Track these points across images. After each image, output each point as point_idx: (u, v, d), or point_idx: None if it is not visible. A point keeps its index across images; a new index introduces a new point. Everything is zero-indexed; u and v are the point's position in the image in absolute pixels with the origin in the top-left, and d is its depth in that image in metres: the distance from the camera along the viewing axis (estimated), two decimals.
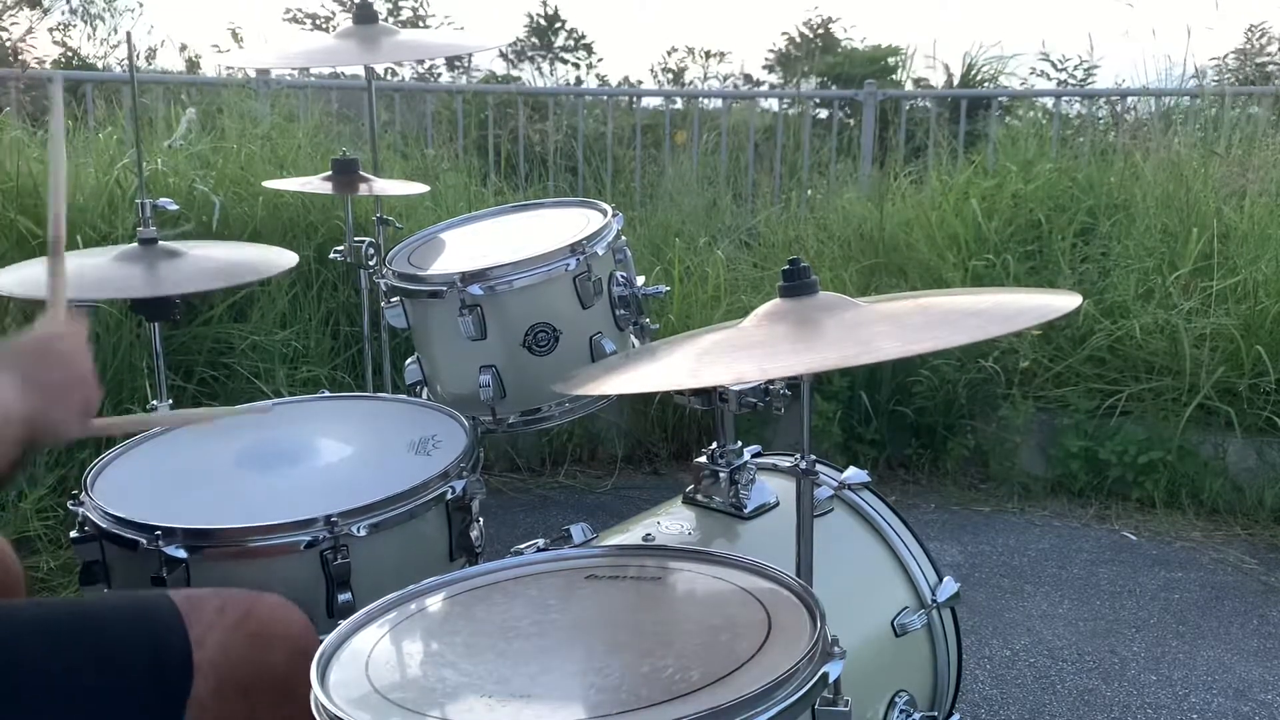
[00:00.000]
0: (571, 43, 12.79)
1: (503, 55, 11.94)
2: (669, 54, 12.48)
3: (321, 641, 1.14)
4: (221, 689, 1.20)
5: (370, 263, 2.58)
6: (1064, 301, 1.21)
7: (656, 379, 1.35)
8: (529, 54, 12.50)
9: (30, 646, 1.17)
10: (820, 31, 12.11)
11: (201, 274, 2.02)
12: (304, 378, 3.48)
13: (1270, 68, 8.47)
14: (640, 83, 12.16)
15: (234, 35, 11.32)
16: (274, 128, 4.40)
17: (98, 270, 2.03)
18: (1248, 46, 8.55)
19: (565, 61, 12.65)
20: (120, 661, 1.19)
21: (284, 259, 2.15)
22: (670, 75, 12.01)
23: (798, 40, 12.16)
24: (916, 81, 8.18)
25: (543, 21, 12.66)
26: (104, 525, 1.52)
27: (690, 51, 12.67)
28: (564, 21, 12.77)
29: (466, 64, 9.82)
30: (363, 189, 2.55)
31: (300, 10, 11.64)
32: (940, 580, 1.65)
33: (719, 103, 6.99)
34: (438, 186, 4.36)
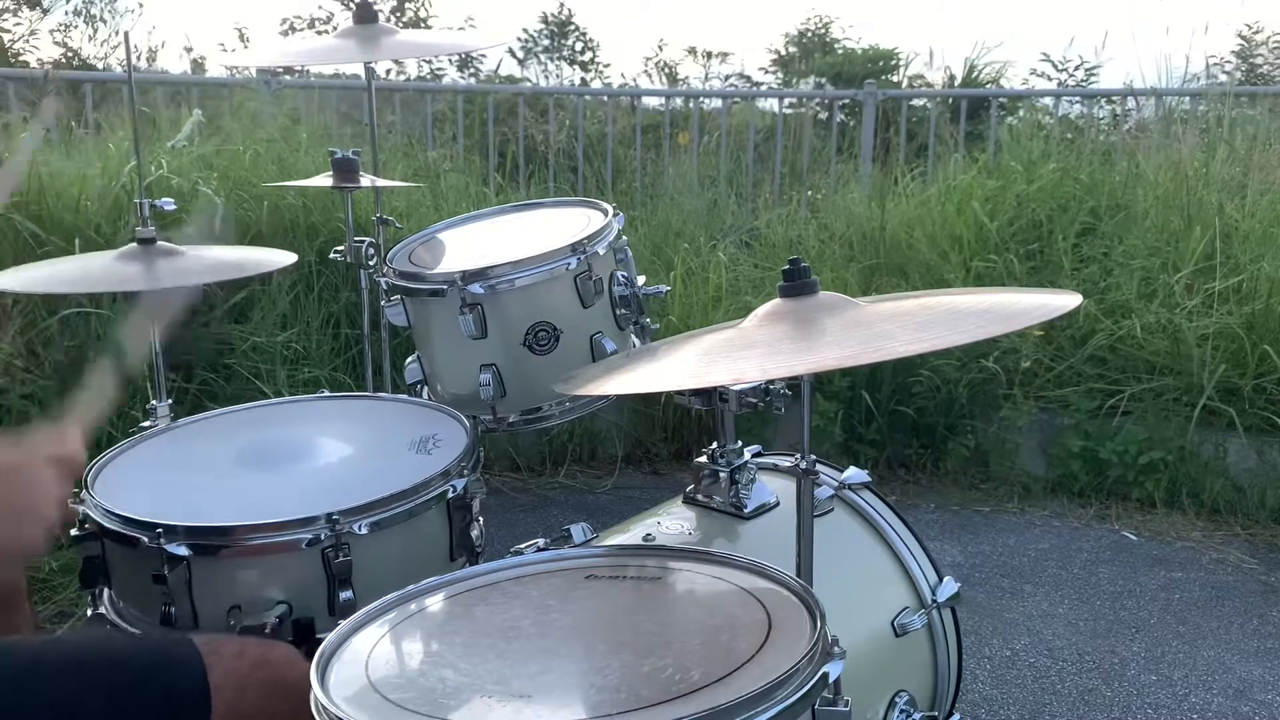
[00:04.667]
0: (581, 45, 12.79)
1: (512, 54, 11.93)
2: (660, 48, 12.46)
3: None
4: None
5: (370, 262, 2.58)
6: (1064, 300, 1.21)
7: (657, 379, 1.35)
8: (537, 54, 12.49)
9: (49, 682, 1.17)
10: (819, 32, 12.09)
11: (200, 271, 2.03)
12: (305, 379, 3.48)
13: (1265, 68, 8.46)
14: (640, 78, 12.15)
15: (240, 35, 11.32)
16: (277, 129, 4.41)
17: (97, 268, 2.04)
18: (1240, 47, 8.53)
19: (575, 64, 12.65)
20: (138, 700, 1.20)
21: (282, 258, 2.15)
22: (666, 73, 11.98)
23: (796, 40, 12.15)
24: (912, 82, 8.17)
25: (556, 26, 12.65)
26: (105, 523, 1.52)
27: (692, 51, 12.66)
28: (577, 26, 12.78)
29: (475, 62, 9.83)
30: (364, 182, 2.56)
31: (297, 18, 11.63)
32: (940, 580, 1.65)
33: (719, 103, 6.99)
34: (439, 186, 4.36)
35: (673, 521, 1.61)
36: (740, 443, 1.68)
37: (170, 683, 1.22)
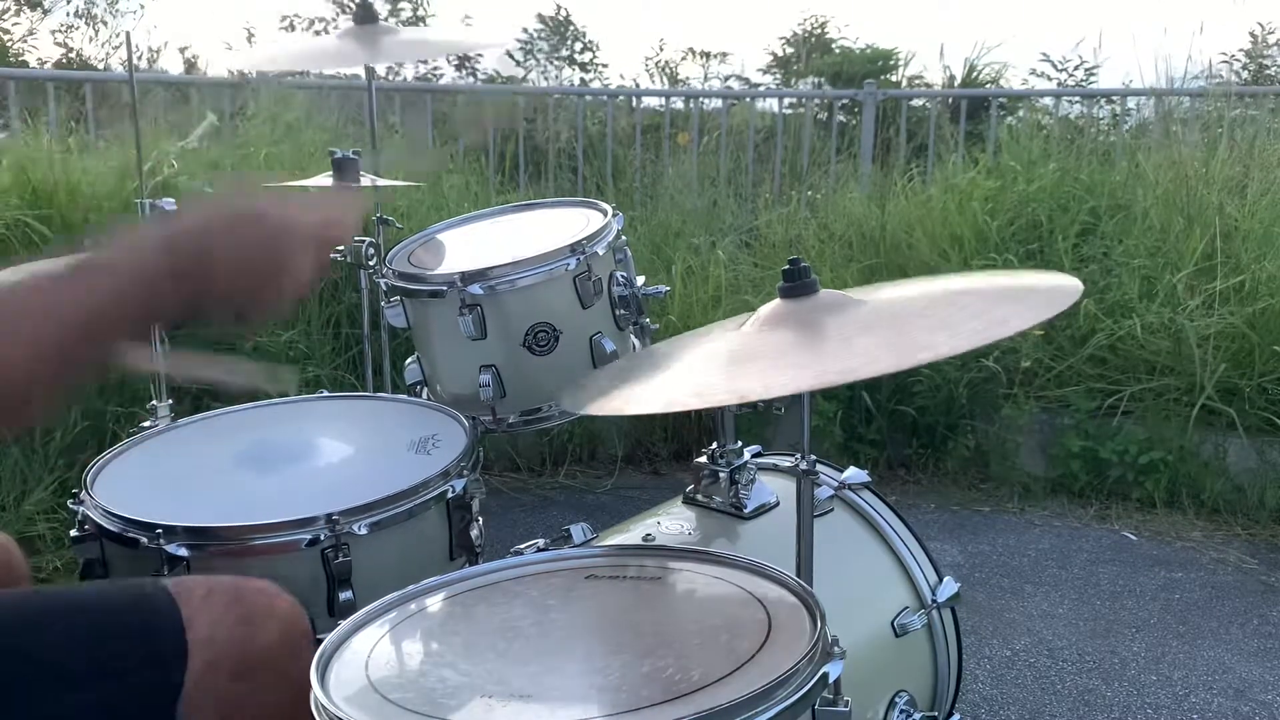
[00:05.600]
0: (580, 46, 12.79)
1: (510, 56, 11.93)
2: (660, 49, 12.40)
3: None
4: (215, 671, 1.20)
5: (370, 262, 2.58)
6: (1065, 284, 1.21)
7: (660, 399, 1.32)
8: (536, 55, 12.48)
9: (25, 632, 1.18)
10: (817, 32, 12.08)
11: None
12: (306, 378, 3.49)
13: (1271, 69, 8.45)
14: (640, 78, 12.14)
15: (248, 36, 11.29)
16: (283, 129, 4.41)
17: None
18: (1251, 48, 8.53)
19: (574, 64, 12.64)
20: (115, 645, 1.19)
21: None
22: (666, 73, 11.97)
23: (794, 40, 12.13)
24: (911, 82, 8.18)
25: (554, 27, 12.65)
26: (104, 524, 1.52)
27: (691, 52, 12.64)
28: (575, 26, 12.77)
29: (472, 62, 9.84)
30: (364, 182, 2.56)
31: (296, 16, 11.62)
32: (940, 580, 1.65)
33: (719, 103, 6.99)
34: (439, 186, 4.36)
35: (672, 522, 1.61)
36: (740, 443, 1.68)
37: (147, 622, 1.21)
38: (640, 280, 1.95)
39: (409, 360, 2.01)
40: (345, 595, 1.48)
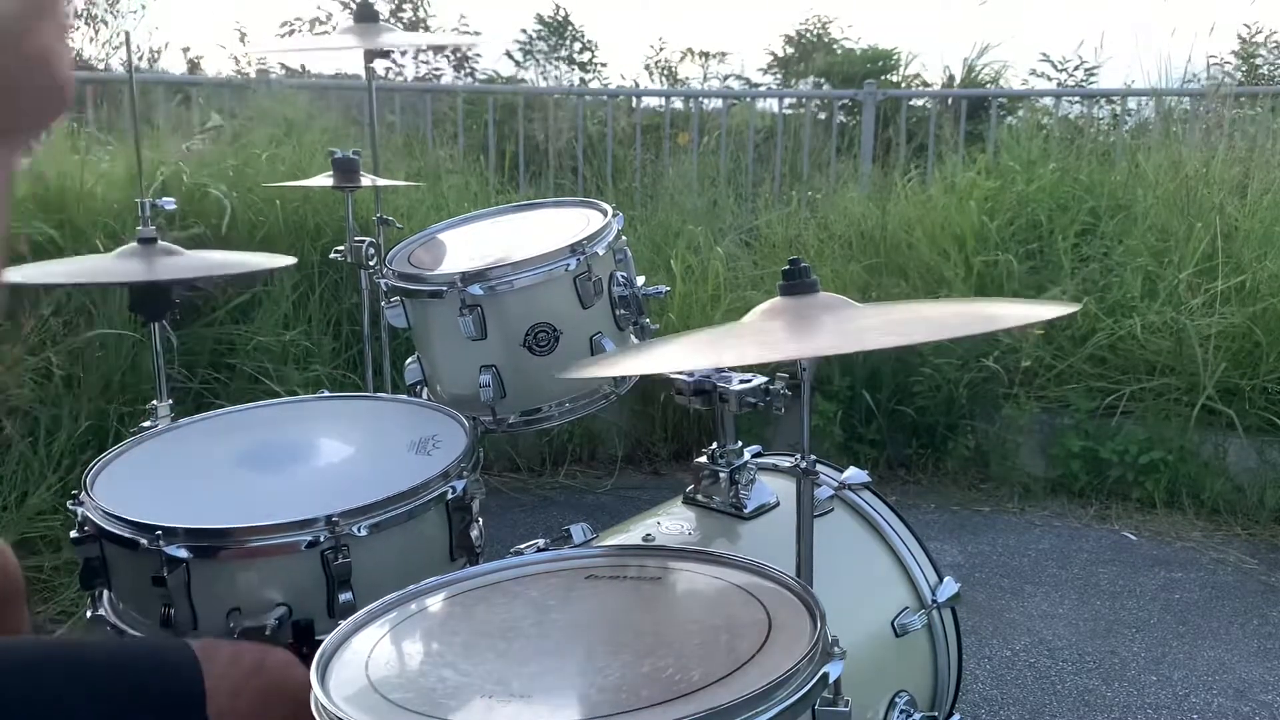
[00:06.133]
0: (579, 46, 12.76)
1: (509, 56, 11.92)
2: (660, 49, 12.32)
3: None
4: None
5: (370, 263, 2.58)
6: (1058, 310, 1.22)
7: (655, 363, 1.35)
8: (535, 55, 12.46)
9: (46, 684, 1.17)
10: (818, 32, 12.05)
11: (198, 270, 2.04)
12: (307, 378, 3.49)
13: (1265, 69, 8.44)
14: (640, 78, 12.11)
15: (241, 37, 11.27)
16: (284, 130, 4.42)
17: (96, 265, 2.06)
18: (1240, 48, 8.50)
19: (574, 64, 12.61)
20: (134, 704, 1.19)
21: (279, 261, 2.17)
22: (666, 73, 11.92)
23: (796, 40, 12.10)
24: (911, 82, 8.16)
25: (553, 27, 12.62)
26: (104, 525, 1.52)
27: (690, 52, 12.61)
28: (574, 27, 12.75)
29: (471, 62, 9.83)
30: (364, 182, 2.57)
31: (297, 19, 11.57)
32: (940, 580, 1.65)
33: (719, 103, 6.99)
34: (440, 186, 4.36)
35: (673, 522, 1.61)
36: (740, 443, 1.68)
37: (166, 687, 1.22)
38: (640, 280, 1.95)
39: (409, 360, 2.01)
40: (345, 596, 1.48)
